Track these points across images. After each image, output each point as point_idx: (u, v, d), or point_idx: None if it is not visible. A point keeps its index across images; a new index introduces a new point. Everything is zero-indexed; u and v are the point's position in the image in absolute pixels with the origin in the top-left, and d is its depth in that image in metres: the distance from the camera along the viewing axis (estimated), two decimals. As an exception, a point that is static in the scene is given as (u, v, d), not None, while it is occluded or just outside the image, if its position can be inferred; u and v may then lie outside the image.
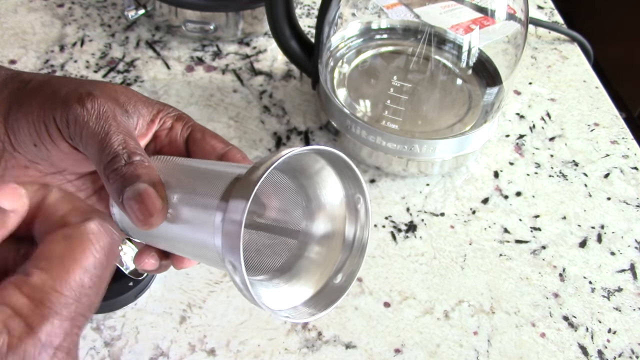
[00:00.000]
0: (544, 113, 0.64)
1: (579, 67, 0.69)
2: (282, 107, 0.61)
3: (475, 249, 0.51)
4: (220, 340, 0.44)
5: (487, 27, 0.54)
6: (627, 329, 0.48)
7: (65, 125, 0.30)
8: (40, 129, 0.31)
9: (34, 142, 0.31)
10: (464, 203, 0.55)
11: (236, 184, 0.27)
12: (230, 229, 0.26)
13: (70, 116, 0.30)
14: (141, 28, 0.67)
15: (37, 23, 0.66)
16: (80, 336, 0.20)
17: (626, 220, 0.55)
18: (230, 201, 0.26)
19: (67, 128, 0.30)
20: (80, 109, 0.30)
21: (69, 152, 0.31)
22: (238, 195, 0.26)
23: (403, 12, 0.57)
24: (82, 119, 0.30)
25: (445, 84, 0.59)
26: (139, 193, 0.28)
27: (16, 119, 0.31)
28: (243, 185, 0.26)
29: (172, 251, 0.33)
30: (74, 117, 0.30)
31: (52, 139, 0.31)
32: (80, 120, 0.30)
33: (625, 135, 0.62)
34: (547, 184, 0.57)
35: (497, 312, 0.48)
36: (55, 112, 0.30)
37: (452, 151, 0.54)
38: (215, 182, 0.29)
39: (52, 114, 0.30)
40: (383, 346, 0.45)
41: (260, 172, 0.26)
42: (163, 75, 0.62)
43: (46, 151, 0.32)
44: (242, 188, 0.26)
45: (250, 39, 0.67)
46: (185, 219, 0.29)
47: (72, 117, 0.30)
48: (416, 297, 0.48)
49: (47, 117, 0.30)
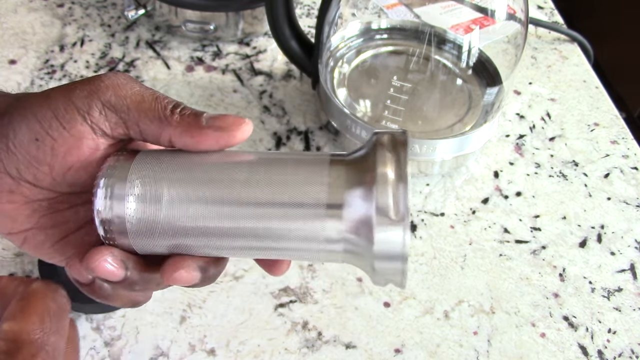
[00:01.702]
0: (544, 113, 0.64)
1: (579, 67, 0.69)
2: (282, 107, 0.61)
3: (475, 249, 0.51)
4: (220, 340, 0.44)
5: (487, 27, 0.54)
6: (627, 329, 0.48)
7: (93, 94, 0.29)
8: (50, 116, 0.29)
9: (36, 136, 0.29)
10: (464, 203, 0.55)
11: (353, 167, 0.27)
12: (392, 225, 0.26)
13: (99, 83, 0.30)
14: (141, 28, 0.67)
15: (37, 23, 0.66)
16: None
17: (626, 220, 0.55)
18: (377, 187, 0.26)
19: (98, 95, 0.29)
20: (108, 76, 0.30)
21: (79, 138, 0.29)
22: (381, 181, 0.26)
23: (403, 12, 0.57)
24: (113, 81, 0.30)
25: (445, 84, 0.59)
26: (218, 115, 0.29)
27: (18, 114, 0.29)
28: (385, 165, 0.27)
29: (238, 253, 0.30)
30: (105, 84, 0.30)
31: (62, 123, 0.29)
32: (123, 83, 0.30)
33: (625, 135, 0.62)
34: (547, 184, 0.57)
35: (497, 312, 0.48)
36: (76, 89, 0.29)
37: (452, 151, 0.54)
38: (302, 167, 0.28)
39: (73, 90, 0.30)
40: (383, 346, 0.45)
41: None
42: (163, 75, 0.63)
43: (51, 141, 0.29)
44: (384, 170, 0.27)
45: (250, 39, 0.67)
46: (277, 212, 0.28)
47: (104, 83, 0.30)
48: (416, 297, 0.48)
49: (64, 97, 0.29)
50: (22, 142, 0.29)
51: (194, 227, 0.28)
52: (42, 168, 0.29)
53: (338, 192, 0.27)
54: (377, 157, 0.27)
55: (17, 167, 0.29)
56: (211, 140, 0.29)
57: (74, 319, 0.44)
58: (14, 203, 0.30)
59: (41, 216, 0.31)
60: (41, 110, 0.29)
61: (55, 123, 0.29)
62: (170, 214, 0.28)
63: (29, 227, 0.31)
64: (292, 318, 0.46)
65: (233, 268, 0.48)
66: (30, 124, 0.29)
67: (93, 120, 0.29)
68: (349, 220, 0.27)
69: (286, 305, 0.46)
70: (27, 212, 0.30)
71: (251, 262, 0.48)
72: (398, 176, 0.26)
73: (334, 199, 0.27)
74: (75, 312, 0.44)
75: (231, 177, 0.28)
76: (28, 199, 0.30)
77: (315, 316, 0.46)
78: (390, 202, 0.26)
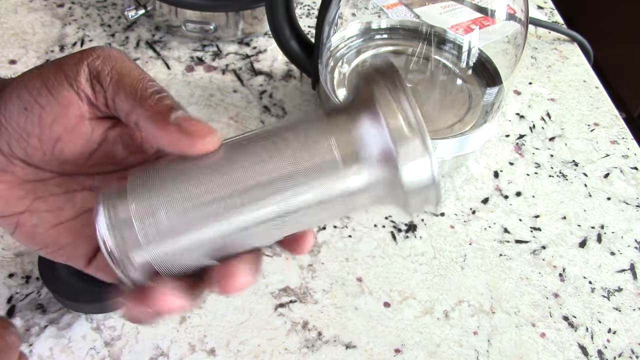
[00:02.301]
0: (544, 113, 0.64)
1: (579, 67, 0.69)
2: (282, 107, 0.61)
3: (475, 249, 0.51)
4: (220, 340, 0.44)
5: (487, 27, 0.54)
6: (627, 329, 0.48)
7: (84, 60, 0.29)
8: (39, 84, 0.29)
9: (25, 105, 0.29)
10: (464, 203, 0.55)
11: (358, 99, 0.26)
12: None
13: (92, 53, 0.29)
14: (141, 28, 0.67)
15: (37, 23, 0.66)
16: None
17: (626, 220, 0.55)
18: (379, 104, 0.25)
19: (87, 63, 0.29)
20: (102, 48, 0.29)
21: (65, 105, 0.29)
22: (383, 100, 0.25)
23: (403, 12, 0.57)
24: (107, 52, 0.29)
25: (445, 84, 0.59)
26: (190, 118, 0.28)
27: (11, 87, 0.29)
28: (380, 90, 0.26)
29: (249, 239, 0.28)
30: (98, 54, 0.29)
31: (50, 90, 0.29)
32: (115, 56, 0.29)
33: (625, 135, 0.62)
34: (547, 184, 0.57)
35: (497, 312, 0.48)
36: (67, 58, 0.29)
37: (452, 151, 0.54)
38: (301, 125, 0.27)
39: (64, 59, 0.29)
40: (383, 346, 0.45)
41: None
42: (163, 75, 0.63)
43: (39, 109, 0.29)
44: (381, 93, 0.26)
45: (250, 39, 0.67)
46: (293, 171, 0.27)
47: (97, 52, 0.29)
48: (416, 297, 0.48)
49: (55, 65, 0.29)
50: (12, 114, 0.29)
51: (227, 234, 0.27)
52: (31, 141, 0.29)
53: (347, 145, 0.26)
54: (373, 88, 0.26)
55: (8, 142, 0.29)
56: (169, 139, 0.28)
57: (74, 319, 0.44)
58: (6, 183, 0.30)
59: (35, 198, 0.30)
60: (32, 79, 0.29)
61: (43, 90, 0.29)
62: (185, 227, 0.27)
63: (22, 209, 0.30)
64: (292, 318, 0.46)
65: (233, 268, 0.48)
66: (21, 93, 0.29)
67: (80, 87, 0.29)
68: (368, 158, 0.26)
69: (286, 305, 0.46)
70: (21, 193, 0.30)
71: (251, 262, 0.48)
72: (398, 93, 0.26)
73: (346, 154, 0.26)
74: (75, 312, 0.44)
75: (236, 171, 0.27)
76: (20, 179, 0.30)
77: (315, 316, 0.46)
78: (401, 121, 0.25)
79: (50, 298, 0.44)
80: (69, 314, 0.44)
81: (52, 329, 0.43)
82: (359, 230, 0.52)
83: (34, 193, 0.30)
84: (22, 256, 0.47)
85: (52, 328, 0.43)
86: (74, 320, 0.44)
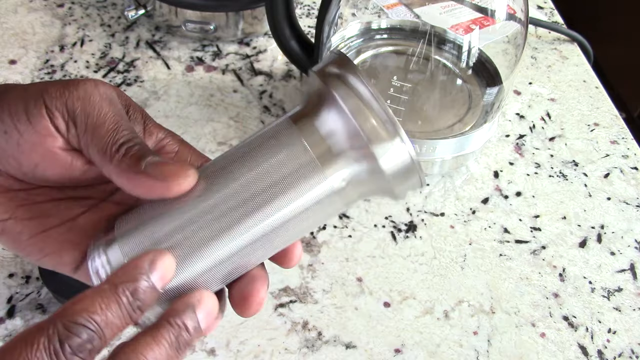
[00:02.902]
0: (544, 113, 0.64)
1: (579, 67, 0.69)
2: (282, 107, 0.61)
3: (475, 249, 0.51)
4: (220, 340, 0.44)
5: (487, 27, 0.54)
6: (627, 329, 0.48)
7: (64, 97, 0.29)
8: (21, 109, 0.29)
9: (5, 128, 0.29)
10: (464, 203, 0.55)
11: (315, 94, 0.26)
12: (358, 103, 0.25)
13: (74, 90, 0.29)
14: (141, 28, 0.67)
15: (37, 23, 0.66)
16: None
17: (626, 220, 0.55)
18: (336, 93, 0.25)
19: (66, 101, 0.29)
20: (87, 85, 0.29)
21: (43, 135, 0.29)
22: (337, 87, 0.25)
23: (403, 12, 0.57)
24: (89, 94, 0.29)
25: (445, 84, 0.59)
26: (161, 162, 0.27)
27: None
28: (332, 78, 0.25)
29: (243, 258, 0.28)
30: (79, 94, 0.29)
31: (29, 117, 0.29)
32: (96, 100, 0.29)
33: (625, 135, 0.62)
34: (547, 184, 0.57)
35: (497, 312, 0.48)
36: (51, 88, 0.29)
37: (452, 151, 0.54)
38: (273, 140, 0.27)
39: (48, 88, 0.29)
40: (383, 346, 0.45)
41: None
42: (163, 75, 0.63)
43: (17, 135, 0.29)
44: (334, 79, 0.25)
45: (250, 39, 0.67)
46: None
47: (78, 92, 0.29)
48: (416, 297, 0.48)
49: (38, 92, 0.29)
50: None
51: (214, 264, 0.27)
52: (10, 161, 0.29)
53: (319, 143, 0.26)
54: (329, 87, 0.26)
55: None
56: (144, 187, 0.27)
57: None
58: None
59: (18, 206, 0.30)
60: (15, 102, 0.29)
61: (23, 117, 0.28)
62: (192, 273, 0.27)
63: (6, 217, 0.30)
64: (292, 318, 0.46)
65: (233, 268, 0.48)
66: (2, 116, 0.29)
67: (56, 123, 0.29)
68: (342, 152, 0.26)
69: (286, 305, 0.46)
70: (3, 200, 0.30)
71: (251, 262, 0.48)
72: (356, 87, 0.25)
73: (321, 153, 0.26)
74: (75, 312, 0.44)
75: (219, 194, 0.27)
76: (3, 189, 0.30)
77: (315, 316, 0.46)
78: (369, 115, 0.25)
79: (50, 298, 0.44)
80: (69, 314, 0.44)
81: (52, 329, 0.43)
82: (359, 230, 0.52)
83: (17, 201, 0.30)
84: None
85: (52, 328, 0.43)
86: None
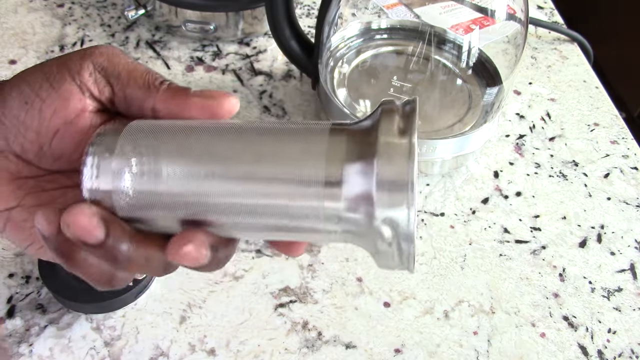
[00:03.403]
0: (544, 113, 0.64)
1: (579, 67, 0.69)
2: (282, 107, 0.61)
3: (475, 249, 0.51)
4: (220, 340, 0.44)
5: (487, 27, 0.54)
6: (627, 329, 0.48)
7: (87, 57, 0.30)
8: (41, 78, 0.29)
9: (26, 99, 0.29)
10: (464, 203, 0.55)
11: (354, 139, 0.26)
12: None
13: (95, 50, 0.30)
14: (141, 28, 0.67)
15: (37, 23, 0.66)
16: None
17: (626, 220, 0.55)
18: (378, 160, 0.24)
19: (91, 60, 0.30)
20: (102, 46, 0.31)
21: (66, 98, 0.29)
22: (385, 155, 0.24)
23: (403, 12, 0.57)
24: (110, 50, 0.31)
25: (445, 84, 0.59)
26: (205, 89, 0.31)
27: (11, 83, 0.30)
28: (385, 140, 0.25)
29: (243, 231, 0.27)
30: (100, 51, 0.30)
31: (52, 83, 0.29)
32: (118, 53, 0.31)
33: (625, 135, 0.62)
34: (547, 184, 0.57)
35: (497, 312, 0.48)
36: (69, 55, 0.30)
37: (452, 151, 0.54)
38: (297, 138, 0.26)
39: (66, 56, 0.30)
40: (383, 346, 0.45)
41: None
42: (163, 75, 0.62)
43: (39, 103, 0.29)
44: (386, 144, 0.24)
45: (250, 39, 0.68)
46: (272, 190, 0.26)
47: (99, 50, 0.30)
48: (416, 297, 0.48)
49: (63, 59, 0.30)
50: (12, 109, 0.29)
51: (190, 202, 0.26)
52: (29, 135, 0.29)
53: (336, 166, 0.25)
54: (380, 127, 0.25)
55: (6, 137, 0.30)
56: (197, 107, 0.29)
57: (74, 319, 0.44)
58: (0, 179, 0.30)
59: (26, 194, 0.31)
60: (33, 74, 0.30)
61: (45, 84, 0.29)
62: (168, 187, 0.26)
63: (13, 204, 0.30)
64: (292, 318, 0.46)
65: (233, 268, 0.48)
66: (21, 88, 0.29)
67: (82, 80, 0.30)
68: (348, 197, 0.25)
69: (286, 305, 0.46)
70: (12, 187, 0.30)
71: (251, 262, 0.48)
72: (403, 148, 0.24)
73: (332, 174, 0.25)
74: (75, 312, 0.44)
75: (228, 150, 0.27)
76: (13, 175, 0.30)
77: (315, 316, 0.46)
78: (394, 176, 0.24)
79: (50, 298, 0.44)
80: (69, 314, 0.44)
81: (52, 329, 0.43)
82: (359, 230, 0.51)
83: (25, 189, 0.31)
84: (22, 256, 0.47)
85: (52, 328, 0.43)
86: (74, 320, 0.44)
